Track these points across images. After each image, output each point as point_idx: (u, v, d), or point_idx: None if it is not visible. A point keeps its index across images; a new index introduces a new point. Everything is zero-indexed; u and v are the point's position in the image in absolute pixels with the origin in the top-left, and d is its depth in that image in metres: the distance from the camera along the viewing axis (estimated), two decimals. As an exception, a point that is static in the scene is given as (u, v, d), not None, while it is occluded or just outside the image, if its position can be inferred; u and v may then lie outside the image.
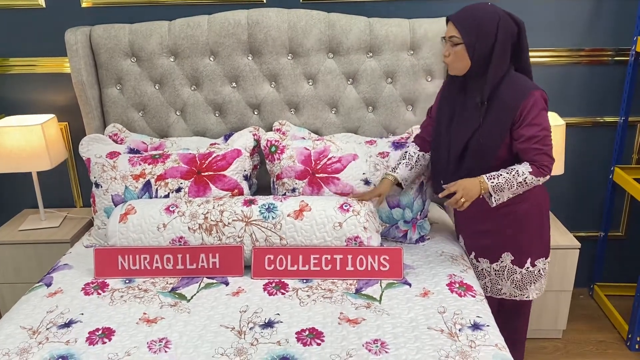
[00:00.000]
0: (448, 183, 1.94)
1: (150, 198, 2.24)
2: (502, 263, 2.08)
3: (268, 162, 2.37)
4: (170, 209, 2.11)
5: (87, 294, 1.95)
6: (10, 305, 2.55)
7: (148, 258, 2.05)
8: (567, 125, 2.45)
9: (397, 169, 2.16)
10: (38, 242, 2.56)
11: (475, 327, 1.70)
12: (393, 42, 2.45)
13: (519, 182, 1.84)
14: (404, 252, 2.06)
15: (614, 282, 3.02)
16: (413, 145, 2.19)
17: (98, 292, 1.96)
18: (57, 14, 2.60)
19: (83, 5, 2.59)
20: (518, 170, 1.84)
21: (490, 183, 1.85)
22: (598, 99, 2.73)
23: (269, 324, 1.75)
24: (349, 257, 2.01)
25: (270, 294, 1.92)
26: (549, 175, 1.87)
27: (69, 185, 2.92)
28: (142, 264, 2.05)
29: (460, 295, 1.87)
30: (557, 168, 2.46)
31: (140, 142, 2.51)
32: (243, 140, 2.39)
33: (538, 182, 1.87)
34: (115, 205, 2.26)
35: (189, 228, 2.07)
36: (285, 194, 2.29)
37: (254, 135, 2.43)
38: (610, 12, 2.59)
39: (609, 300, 2.86)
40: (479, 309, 1.80)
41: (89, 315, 1.81)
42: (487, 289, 2.15)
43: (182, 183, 2.25)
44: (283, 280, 2.00)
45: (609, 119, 2.75)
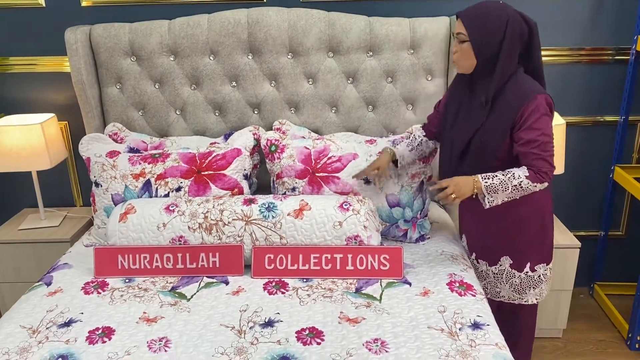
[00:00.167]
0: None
1: (150, 197, 2.24)
2: (500, 267, 2.07)
3: (268, 161, 2.37)
4: (170, 208, 2.11)
5: (87, 293, 1.95)
6: (10, 305, 2.55)
7: (148, 257, 2.05)
8: (567, 125, 2.45)
9: (397, 145, 2.19)
10: (38, 241, 2.56)
11: (476, 326, 1.70)
12: (393, 41, 2.45)
13: (514, 185, 1.79)
14: (404, 251, 2.06)
15: (614, 281, 3.01)
16: (419, 130, 2.21)
17: (98, 291, 1.96)
18: (57, 13, 2.59)
19: (83, 4, 2.58)
20: (514, 174, 1.79)
21: (485, 183, 1.81)
22: (598, 98, 2.73)
23: (269, 323, 1.75)
24: (349, 256, 2.01)
25: (270, 293, 1.92)
26: (547, 183, 1.81)
27: (69, 185, 2.91)
28: (142, 263, 2.05)
29: (461, 295, 1.87)
30: (557, 167, 2.44)
31: (140, 141, 2.51)
32: (243, 140, 2.39)
33: (535, 187, 1.81)
34: (115, 205, 2.26)
35: (189, 227, 2.07)
36: (285, 193, 2.28)
37: (254, 135, 2.43)
38: (611, 11, 2.59)
39: (609, 300, 2.86)
40: (479, 308, 1.80)
41: (89, 315, 1.81)
42: (486, 291, 2.13)
43: (182, 182, 2.25)
44: (283, 280, 2.00)
45: (610, 118, 2.75)
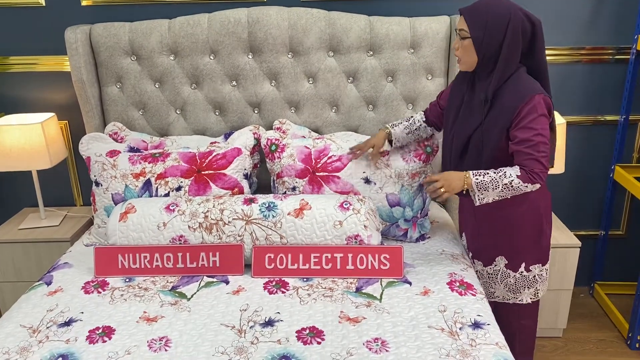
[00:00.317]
0: None
1: (151, 197, 2.24)
2: (495, 267, 2.06)
3: (268, 160, 2.37)
4: (171, 208, 2.10)
5: (87, 293, 1.95)
6: (10, 304, 2.55)
7: (148, 257, 2.05)
8: (567, 124, 2.45)
9: (395, 126, 2.20)
10: (38, 240, 2.55)
11: (476, 325, 1.70)
12: (393, 40, 2.45)
13: (505, 184, 1.76)
14: (405, 250, 2.06)
15: (615, 280, 3.01)
16: (420, 114, 2.21)
17: (98, 290, 1.96)
18: (57, 13, 2.59)
19: (83, 4, 2.58)
20: (506, 172, 1.77)
21: (475, 179, 1.80)
22: (599, 98, 2.73)
23: (269, 323, 1.75)
24: (349, 255, 2.01)
25: (271, 293, 1.92)
26: (539, 184, 1.78)
27: (69, 184, 2.91)
28: (142, 263, 2.05)
29: (461, 294, 1.87)
30: (557, 167, 2.46)
31: (141, 140, 2.51)
32: (243, 139, 2.39)
33: (526, 188, 1.77)
34: (116, 204, 2.26)
35: (189, 227, 2.07)
36: (286, 193, 2.28)
37: (254, 134, 2.43)
38: (611, 10, 2.59)
39: (610, 299, 2.86)
40: (480, 308, 1.80)
41: (89, 314, 1.81)
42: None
43: (182, 182, 2.25)
44: (283, 279, 2.00)
45: (610, 118, 2.75)
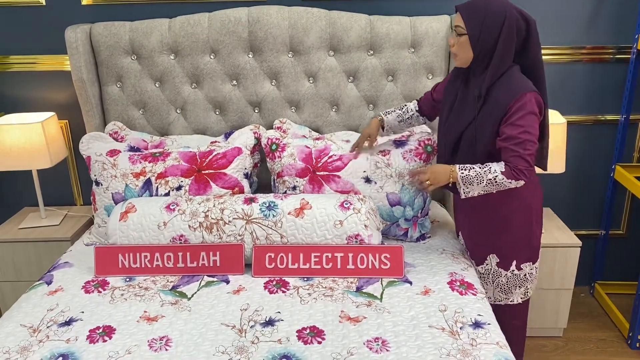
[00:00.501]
0: None
1: (151, 196, 2.24)
2: (487, 266, 2.07)
3: (269, 160, 2.36)
4: (171, 207, 2.10)
5: (87, 292, 1.94)
6: (11, 304, 2.55)
7: (148, 256, 2.05)
8: (568, 123, 2.45)
9: (387, 114, 2.21)
10: (38, 240, 2.55)
11: (477, 325, 1.70)
12: (394, 39, 2.45)
13: (489, 179, 1.80)
14: (405, 250, 2.06)
15: (615, 280, 3.01)
16: (414, 103, 2.22)
17: (98, 290, 1.96)
18: (57, 12, 2.59)
19: (83, 3, 2.58)
20: (490, 168, 1.81)
21: (460, 173, 1.84)
22: (599, 97, 2.72)
23: (270, 322, 1.75)
24: (350, 255, 2.01)
25: (271, 292, 1.92)
26: (523, 181, 1.80)
27: (69, 183, 2.91)
28: (142, 262, 2.05)
29: (461, 294, 1.87)
30: (558, 166, 2.46)
31: (141, 140, 2.51)
32: (244, 139, 2.39)
33: (510, 184, 1.80)
34: (116, 204, 2.26)
35: (190, 226, 2.07)
36: (286, 192, 2.28)
37: (255, 134, 2.43)
38: (612, 10, 2.58)
39: (610, 299, 2.86)
40: (480, 308, 1.80)
41: (90, 314, 1.81)
42: None
43: (182, 181, 2.25)
44: (284, 279, 2.00)
45: (610, 117, 2.75)
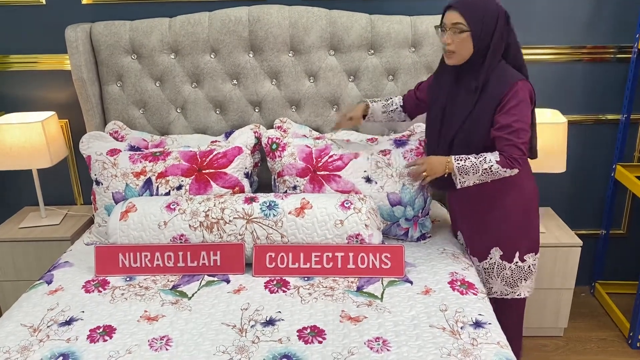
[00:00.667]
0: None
1: (151, 196, 2.24)
2: (491, 260, 2.09)
3: (269, 159, 2.36)
4: (171, 207, 2.10)
5: (87, 292, 1.94)
6: (11, 303, 2.54)
7: (149, 256, 2.04)
8: (568, 123, 2.44)
9: (374, 102, 2.24)
10: (38, 239, 2.55)
11: (477, 325, 1.70)
12: (394, 39, 2.45)
13: (484, 168, 1.85)
14: (405, 250, 2.05)
15: (616, 280, 3.01)
16: (399, 98, 2.25)
17: (99, 289, 1.96)
18: (57, 11, 2.59)
19: (83, 2, 2.58)
20: (486, 158, 1.86)
21: (457, 164, 1.88)
22: (600, 97, 2.72)
23: (271, 322, 1.74)
24: (350, 254, 2.01)
25: (272, 292, 1.92)
26: (518, 169, 1.87)
27: (70, 183, 2.91)
28: (142, 262, 2.05)
29: (462, 293, 1.86)
30: (558, 166, 2.46)
31: (141, 139, 2.51)
32: (244, 138, 2.38)
33: (505, 173, 1.87)
34: (116, 203, 2.25)
35: (190, 226, 2.06)
36: (287, 192, 2.28)
37: (255, 133, 2.43)
38: (613, 9, 2.58)
39: (611, 298, 2.86)
40: (481, 307, 1.80)
41: (90, 313, 1.81)
42: None
43: (182, 180, 2.24)
44: (284, 278, 2.00)
45: (611, 117, 2.75)
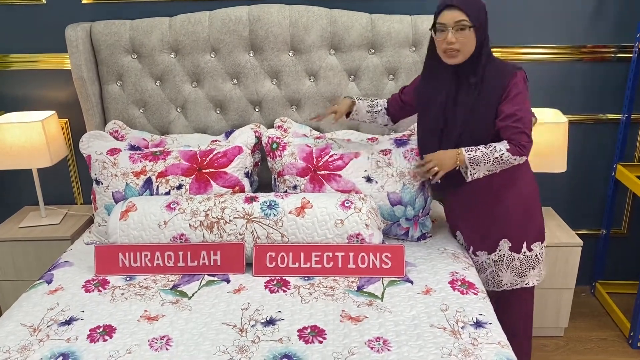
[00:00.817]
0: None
1: (151, 195, 2.24)
2: (500, 252, 2.10)
3: (269, 159, 2.36)
4: (171, 206, 2.10)
5: (87, 292, 1.94)
6: (11, 303, 2.54)
7: (149, 255, 2.04)
8: (569, 123, 2.44)
9: (360, 100, 2.25)
10: (38, 239, 2.55)
11: (478, 324, 1.70)
12: (395, 38, 2.44)
13: (495, 157, 1.87)
14: (406, 249, 2.05)
15: (616, 279, 3.01)
16: (384, 101, 2.26)
17: (99, 289, 1.95)
18: (57, 10, 2.58)
19: (83, 1, 2.57)
20: (496, 147, 1.88)
21: (468, 155, 1.89)
22: (600, 96, 2.72)
23: (271, 322, 1.74)
24: (351, 254, 2.00)
25: (272, 292, 1.92)
26: (526, 157, 1.90)
27: (70, 182, 2.91)
28: (143, 262, 2.04)
29: (463, 293, 1.86)
30: (559, 165, 2.46)
31: (141, 138, 2.51)
32: (244, 137, 2.38)
33: (514, 161, 1.90)
34: (116, 203, 2.25)
35: (190, 225, 2.06)
36: (287, 191, 2.28)
37: (255, 132, 2.42)
38: (613, 9, 2.57)
39: (611, 298, 2.86)
40: (482, 307, 1.79)
41: (90, 313, 1.81)
42: (487, 283, 2.16)
43: (183, 180, 2.24)
44: (284, 278, 2.00)
45: (612, 116, 2.74)
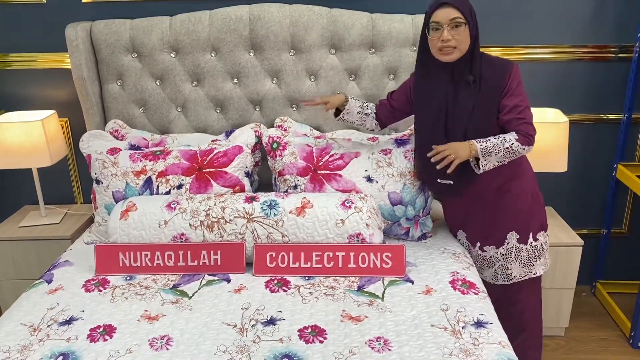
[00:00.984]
0: (445, 177, 1.95)
1: (152, 195, 2.23)
2: (508, 245, 2.11)
3: (270, 158, 2.36)
4: (172, 206, 2.10)
5: (88, 291, 1.94)
6: (11, 302, 2.54)
7: (149, 255, 2.04)
8: (570, 122, 2.44)
9: (353, 100, 2.23)
10: (38, 238, 2.55)
11: (479, 324, 1.69)
12: (396, 38, 2.44)
13: (506, 148, 1.89)
14: (406, 249, 2.05)
15: (617, 279, 3.01)
16: (374, 105, 2.25)
17: (99, 289, 1.95)
18: (57, 9, 2.58)
19: (84, 1, 2.57)
20: (505, 137, 1.90)
21: (480, 146, 1.89)
22: (601, 96, 2.72)
23: (271, 322, 1.74)
24: (351, 254, 2.00)
25: (272, 291, 1.91)
26: (532, 146, 1.93)
27: (70, 182, 2.91)
28: (143, 261, 2.04)
29: (463, 293, 1.86)
30: (559, 165, 2.45)
31: (141, 138, 2.50)
32: (244, 137, 2.38)
33: (523, 150, 1.92)
34: (116, 202, 2.25)
35: (190, 225, 2.06)
36: (287, 191, 2.27)
37: (256, 132, 2.42)
38: (614, 8, 2.57)
39: (612, 298, 2.85)
40: (482, 307, 1.79)
41: (90, 313, 1.81)
42: (496, 277, 2.18)
43: (183, 179, 2.24)
44: (285, 278, 1.99)
45: (612, 116, 2.74)
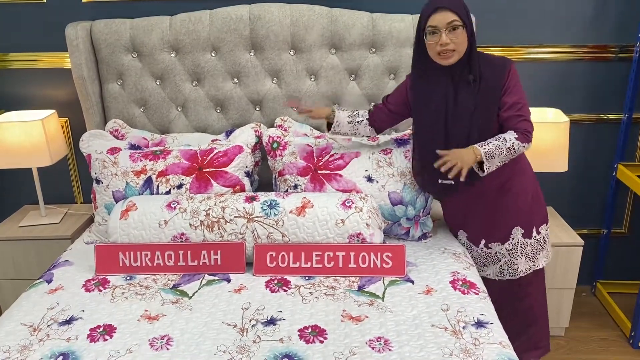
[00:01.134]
0: (446, 177, 1.94)
1: (152, 194, 2.23)
2: (513, 240, 2.12)
3: (270, 158, 2.36)
4: (172, 206, 2.09)
5: (88, 291, 1.94)
6: (11, 302, 2.53)
7: (149, 255, 2.04)
8: (570, 122, 2.44)
9: (342, 111, 2.21)
10: (38, 238, 2.55)
11: (479, 324, 1.69)
12: (396, 37, 2.44)
13: (507, 147, 1.88)
14: (407, 249, 2.05)
15: (617, 279, 3.01)
16: (365, 112, 2.23)
17: (99, 288, 1.95)
18: (57, 9, 2.58)
19: (84, 0, 2.57)
20: (505, 137, 1.90)
21: (483, 150, 1.88)
22: (602, 96, 2.71)
23: (271, 321, 1.74)
24: (352, 254, 2.00)
25: (273, 291, 1.91)
26: (531, 143, 1.93)
27: (70, 181, 2.90)
28: (143, 261, 2.04)
29: (464, 293, 1.86)
30: (560, 165, 2.45)
31: (141, 138, 2.50)
32: (245, 137, 2.38)
33: (523, 148, 1.92)
34: (116, 202, 2.25)
35: (191, 225, 2.06)
36: (287, 191, 2.27)
37: (256, 132, 2.42)
38: (615, 8, 2.57)
39: (612, 298, 2.85)
40: (483, 307, 1.79)
41: (90, 312, 1.80)
42: (502, 273, 2.18)
43: (183, 179, 2.24)
44: (285, 277, 1.99)
45: (613, 116, 2.74)
